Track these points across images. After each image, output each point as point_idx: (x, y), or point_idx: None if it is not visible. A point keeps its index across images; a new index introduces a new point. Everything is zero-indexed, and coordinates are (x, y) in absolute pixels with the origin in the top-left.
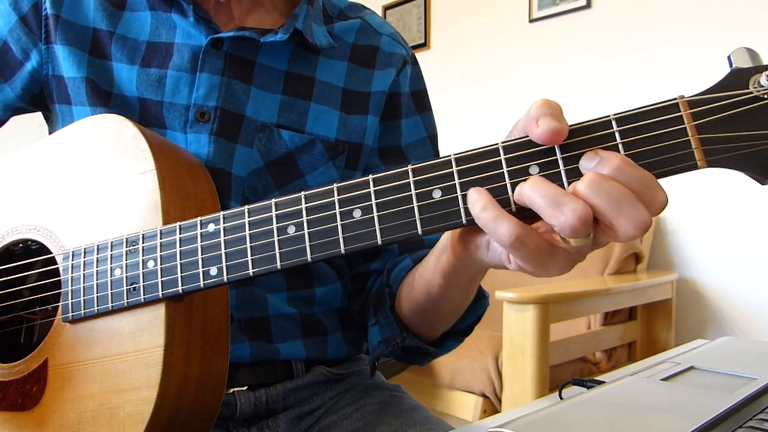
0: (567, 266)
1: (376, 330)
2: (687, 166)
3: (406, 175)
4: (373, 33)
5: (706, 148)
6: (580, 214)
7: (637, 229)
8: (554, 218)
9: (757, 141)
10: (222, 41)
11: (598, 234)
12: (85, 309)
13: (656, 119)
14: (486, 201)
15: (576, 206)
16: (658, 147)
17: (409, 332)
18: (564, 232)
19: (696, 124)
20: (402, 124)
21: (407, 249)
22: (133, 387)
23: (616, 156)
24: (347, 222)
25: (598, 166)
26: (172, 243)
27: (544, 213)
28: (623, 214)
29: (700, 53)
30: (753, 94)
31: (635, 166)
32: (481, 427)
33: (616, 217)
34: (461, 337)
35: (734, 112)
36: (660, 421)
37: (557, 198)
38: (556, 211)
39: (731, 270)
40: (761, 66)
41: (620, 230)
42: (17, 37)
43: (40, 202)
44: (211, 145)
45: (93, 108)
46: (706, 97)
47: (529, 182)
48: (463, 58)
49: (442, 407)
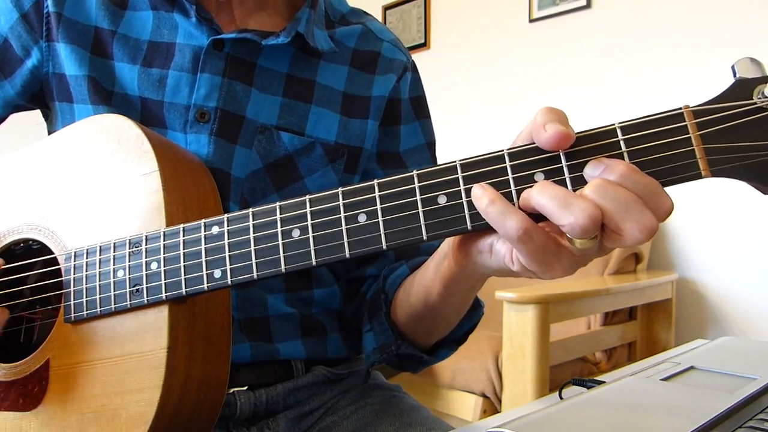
0: (571, 268)
1: (371, 336)
2: (691, 176)
3: (411, 181)
4: (374, 39)
5: (710, 158)
6: (590, 213)
7: (644, 234)
8: (564, 218)
9: (761, 151)
10: (223, 42)
11: (605, 239)
12: (87, 310)
13: (661, 128)
14: (492, 195)
15: (586, 206)
16: (663, 156)
17: (404, 340)
18: (573, 232)
19: (701, 134)
20: (401, 130)
21: (404, 255)
22: (136, 388)
23: (621, 163)
24: (352, 226)
25: (604, 173)
26: (175, 245)
27: (553, 214)
28: (630, 219)
29: (699, 53)
30: (757, 105)
31: (641, 172)
32: (481, 427)
33: (623, 220)
34: (456, 345)
35: (738, 123)
36: (660, 421)
37: (566, 199)
38: (566, 212)
39: (731, 270)
40: (765, 77)
41: (627, 234)
42: (18, 35)
43: (41, 202)
44: (210, 146)
45: (95, 106)
46: (711, 107)
47: (536, 186)
48: (463, 58)
49: (442, 407)
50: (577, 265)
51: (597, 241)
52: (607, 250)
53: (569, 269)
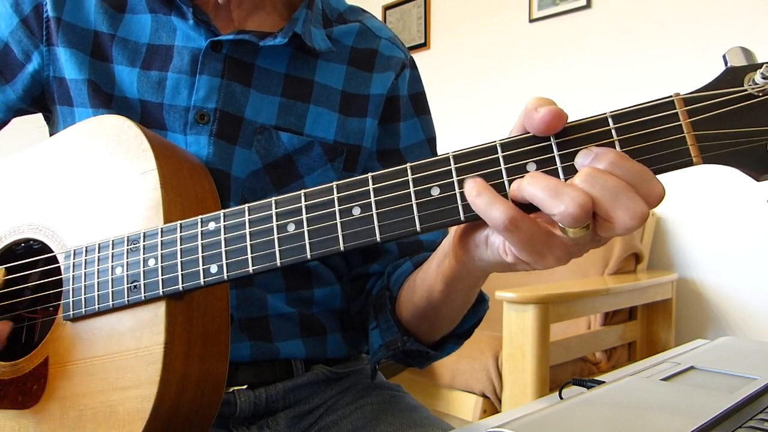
0: (564, 257)
1: (377, 333)
2: (683, 162)
3: (404, 173)
4: (372, 36)
5: (701, 144)
6: (579, 201)
7: (634, 220)
8: (555, 207)
9: (752, 137)
10: (221, 44)
11: (597, 227)
12: (86, 307)
13: (652, 116)
14: (480, 187)
15: (576, 194)
16: (655, 143)
17: (410, 336)
18: (565, 221)
19: (691, 120)
20: (400, 127)
21: (407, 252)
22: (133, 384)
23: (611, 151)
24: (346, 219)
25: (594, 161)
26: (173, 241)
27: (544, 204)
28: (620, 206)
29: (699, 53)
30: (748, 92)
31: (631, 160)
32: (481, 427)
33: (613, 208)
34: (461, 340)
35: (729, 109)
36: (660, 421)
37: (557, 188)
38: (557, 200)
39: (731, 270)
40: (756, 64)
41: (618, 222)
42: (18, 39)
43: (42, 202)
44: (210, 147)
45: (95, 110)
46: (702, 95)
47: (527, 177)
48: (463, 58)
49: (442, 407)
50: (570, 254)
51: (589, 230)
52: (602, 240)
53: (563, 258)
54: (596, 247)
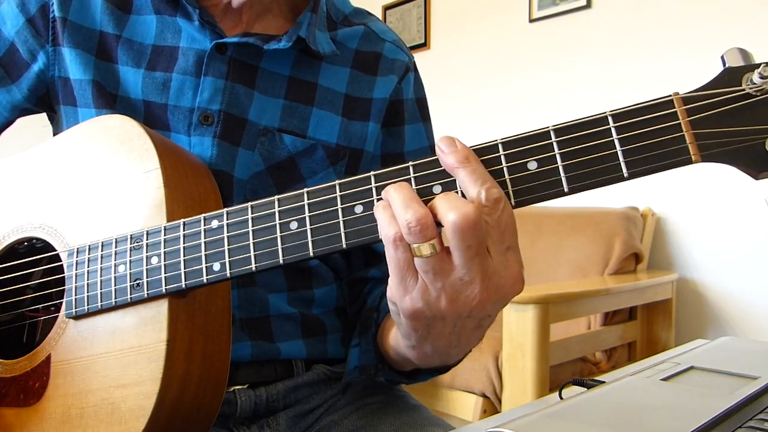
0: (419, 298)
1: (356, 353)
2: (682, 161)
3: (407, 172)
4: (376, 39)
5: (700, 143)
6: (419, 216)
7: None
8: (400, 217)
9: (750, 136)
10: (226, 46)
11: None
12: (88, 305)
13: (651, 115)
14: (385, 202)
15: (418, 208)
16: (654, 142)
17: (385, 365)
18: (404, 231)
19: (690, 119)
20: (405, 130)
21: None
22: (136, 381)
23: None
24: (349, 218)
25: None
26: (175, 239)
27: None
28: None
29: (699, 53)
30: (746, 91)
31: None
32: (481, 427)
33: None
34: (438, 374)
35: (727, 108)
36: (660, 421)
37: (407, 201)
38: (402, 211)
39: (731, 270)
40: (754, 64)
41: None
42: (24, 39)
43: (45, 201)
44: (214, 148)
45: (98, 110)
46: (701, 94)
47: (394, 185)
48: (463, 58)
49: (442, 407)
50: (426, 294)
51: (436, 254)
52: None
53: (418, 298)
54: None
